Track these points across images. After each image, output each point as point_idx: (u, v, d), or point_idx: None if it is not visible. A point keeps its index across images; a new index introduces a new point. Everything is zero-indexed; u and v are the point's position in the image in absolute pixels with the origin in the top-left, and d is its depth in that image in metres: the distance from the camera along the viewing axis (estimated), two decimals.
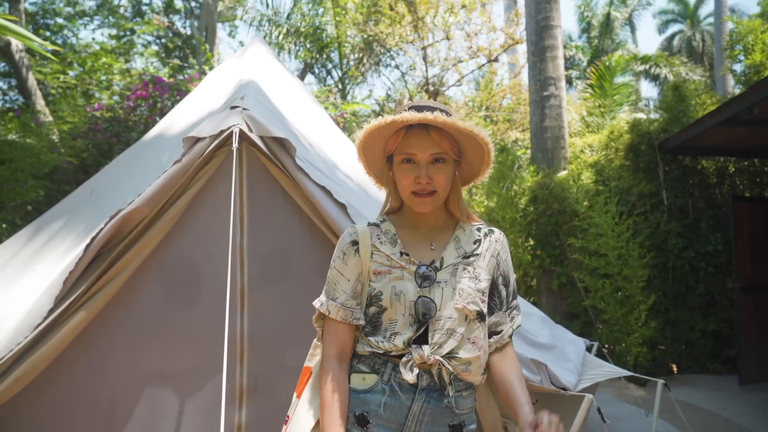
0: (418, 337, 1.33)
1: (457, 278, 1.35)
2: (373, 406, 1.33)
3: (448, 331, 1.32)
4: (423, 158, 1.32)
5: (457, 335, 1.33)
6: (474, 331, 1.35)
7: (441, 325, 1.32)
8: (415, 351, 1.31)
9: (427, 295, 1.33)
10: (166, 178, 2.03)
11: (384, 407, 1.33)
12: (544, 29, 6.94)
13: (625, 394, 4.86)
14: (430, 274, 1.35)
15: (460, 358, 1.33)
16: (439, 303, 1.33)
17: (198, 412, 2.12)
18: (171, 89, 7.60)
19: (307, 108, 3.92)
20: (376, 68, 12.31)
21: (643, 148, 5.94)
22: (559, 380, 2.38)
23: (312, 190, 2.15)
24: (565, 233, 6.11)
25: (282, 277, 2.23)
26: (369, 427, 1.33)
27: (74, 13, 14.13)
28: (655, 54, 18.50)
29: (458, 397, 1.35)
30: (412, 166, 1.33)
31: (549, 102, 6.89)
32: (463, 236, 1.42)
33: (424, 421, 1.33)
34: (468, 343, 1.34)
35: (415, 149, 1.32)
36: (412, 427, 1.33)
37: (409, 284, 1.34)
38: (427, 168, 1.31)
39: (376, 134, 1.35)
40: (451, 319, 1.32)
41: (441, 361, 1.31)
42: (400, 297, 1.34)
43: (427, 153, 1.31)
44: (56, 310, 1.95)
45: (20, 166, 5.91)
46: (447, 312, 1.32)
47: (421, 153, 1.32)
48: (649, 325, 5.36)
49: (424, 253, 1.39)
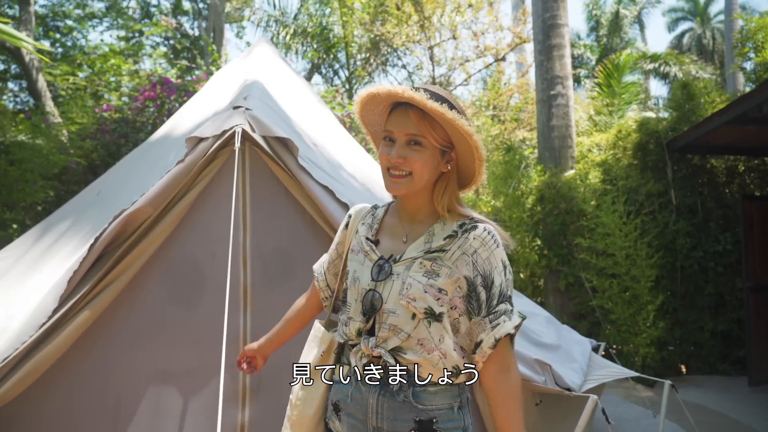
0: (371, 329, 1.33)
1: (410, 273, 1.29)
2: (343, 396, 1.37)
3: (392, 327, 1.29)
4: (399, 137, 1.29)
5: (402, 334, 1.29)
6: (423, 332, 1.28)
7: (385, 319, 1.30)
8: (364, 342, 1.33)
9: (375, 289, 1.32)
10: (169, 179, 2.04)
11: (351, 398, 1.35)
12: (551, 28, 6.90)
13: (633, 395, 4.83)
14: (384, 266, 1.33)
15: (406, 359, 1.28)
16: (386, 297, 1.30)
17: (201, 411, 2.13)
18: (178, 90, 7.64)
19: (312, 108, 3.93)
20: (383, 68, 12.30)
21: (651, 147, 5.89)
22: (564, 381, 2.37)
23: (314, 189, 2.15)
24: (572, 233, 6.07)
25: (285, 277, 2.24)
26: (341, 415, 1.37)
27: (84, 15, 14.26)
28: (665, 52, 18.36)
29: (421, 392, 1.28)
30: (390, 144, 1.31)
31: (556, 101, 6.85)
32: (439, 231, 1.33)
33: (385, 416, 1.30)
34: (416, 345, 1.28)
35: (393, 127, 1.30)
36: (374, 419, 1.31)
37: (366, 272, 1.36)
38: (402, 148, 1.28)
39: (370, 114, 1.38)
40: (394, 314, 1.29)
41: (383, 354, 1.29)
42: (356, 282, 1.37)
43: (402, 132, 1.28)
44: (61, 310, 1.97)
45: (29, 167, 5.98)
46: (391, 306, 1.30)
47: (398, 131, 1.29)
48: (657, 326, 5.31)
49: (395, 244, 1.37)
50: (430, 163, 1.29)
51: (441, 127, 1.28)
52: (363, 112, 1.38)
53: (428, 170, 1.29)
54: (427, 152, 1.28)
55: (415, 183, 1.29)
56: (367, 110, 1.37)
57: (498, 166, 7.10)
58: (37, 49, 5.81)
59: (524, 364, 2.26)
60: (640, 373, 3.55)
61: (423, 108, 1.24)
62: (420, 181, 1.30)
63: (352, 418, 1.34)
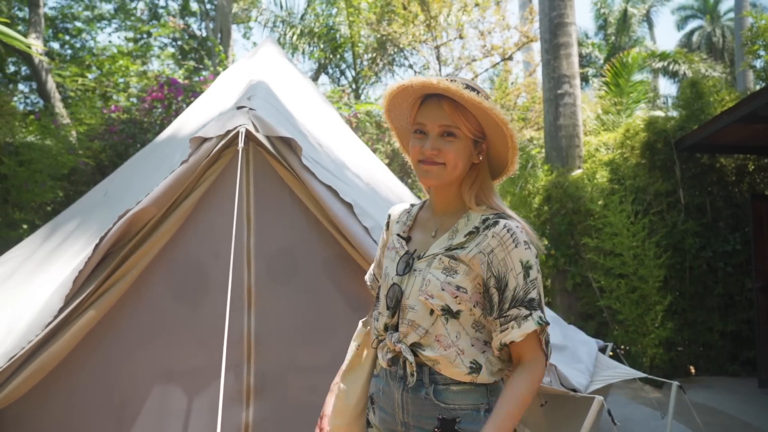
0: (396, 324, 1.34)
1: (431, 270, 1.28)
2: (376, 390, 1.40)
3: (411, 323, 1.29)
4: (432, 129, 1.27)
5: (420, 329, 1.28)
6: (440, 328, 1.26)
7: (406, 314, 1.30)
8: (389, 336, 1.33)
9: (399, 283, 1.33)
10: (173, 179, 2.05)
11: (382, 392, 1.38)
12: (558, 26, 6.87)
13: (641, 396, 4.79)
14: (409, 261, 1.34)
15: (424, 355, 1.28)
16: (408, 292, 1.30)
17: (206, 411, 2.13)
18: (185, 91, 7.68)
19: (318, 108, 3.93)
20: (389, 68, 12.29)
21: (659, 146, 5.84)
22: (570, 381, 2.35)
23: (318, 189, 2.15)
24: (579, 233, 6.04)
25: (289, 277, 2.24)
26: (375, 408, 1.40)
27: (92, 17, 14.37)
28: (674, 50, 18.22)
29: (444, 390, 1.27)
30: (422, 137, 1.29)
31: (563, 100, 6.82)
32: (463, 226, 1.30)
33: (410, 411, 1.30)
34: (434, 341, 1.27)
35: (425, 119, 1.28)
36: (401, 414, 1.32)
37: (393, 267, 1.37)
38: (436, 140, 1.27)
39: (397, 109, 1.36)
40: (413, 310, 1.29)
41: (403, 350, 1.29)
42: (386, 278, 1.38)
43: (436, 124, 1.27)
44: (66, 309, 1.98)
45: (39, 168, 6.03)
46: (411, 302, 1.29)
47: (430, 124, 1.28)
48: (665, 326, 5.27)
49: (424, 238, 1.37)
50: (464, 154, 1.28)
51: (474, 118, 1.26)
52: (390, 107, 1.36)
53: (462, 161, 1.28)
54: (460, 143, 1.27)
55: (448, 173, 1.28)
56: (395, 104, 1.35)
57: None
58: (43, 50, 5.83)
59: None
60: (647, 374, 3.52)
61: (459, 99, 1.22)
62: (453, 172, 1.28)
63: (382, 412, 1.37)
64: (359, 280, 2.25)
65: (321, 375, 2.28)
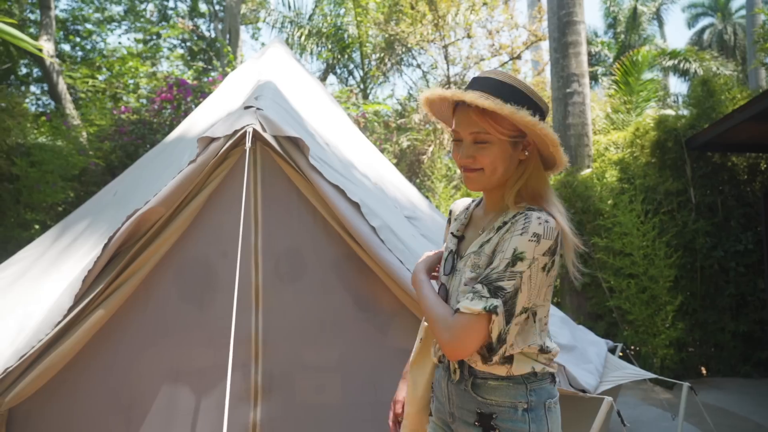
0: None
1: (465, 268, 1.31)
2: (435, 381, 1.48)
3: None
4: (465, 137, 1.28)
5: None
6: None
7: None
8: None
9: (445, 283, 1.38)
10: (181, 179, 2.05)
11: (437, 383, 1.45)
12: (566, 25, 6.83)
13: (651, 397, 4.75)
14: (453, 262, 1.39)
15: None
16: (452, 291, 1.35)
17: (214, 410, 2.14)
18: (194, 91, 7.72)
19: (325, 108, 3.93)
20: (397, 68, 12.29)
21: (669, 144, 5.79)
22: (578, 382, 2.33)
23: (325, 189, 2.15)
24: (588, 232, 5.99)
25: (297, 276, 2.24)
26: (433, 398, 1.48)
27: (103, 18, 14.49)
28: (685, 48, 18.05)
29: (482, 384, 1.29)
30: (458, 144, 1.30)
31: (572, 99, 6.78)
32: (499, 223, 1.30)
33: (455, 402, 1.36)
34: None
35: (458, 127, 1.29)
36: (448, 405, 1.39)
37: (442, 267, 1.43)
38: (469, 147, 1.26)
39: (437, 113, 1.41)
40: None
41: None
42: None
43: (467, 132, 1.27)
44: (75, 308, 1.99)
45: (50, 168, 6.08)
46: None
47: (463, 131, 1.28)
48: (676, 327, 5.22)
49: (474, 236, 1.38)
50: (501, 157, 1.26)
51: (506, 119, 1.23)
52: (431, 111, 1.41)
53: (501, 163, 1.26)
54: (494, 147, 1.25)
55: (488, 177, 1.27)
56: (434, 110, 1.39)
57: None
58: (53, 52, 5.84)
59: None
60: (658, 375, 3.49)
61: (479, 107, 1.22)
62: (494, 175, 1.27)
63: (437, 401, 1.45)
64: (366, 280, 2.25)
65: (328, 375, 2.29)
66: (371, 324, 2.28)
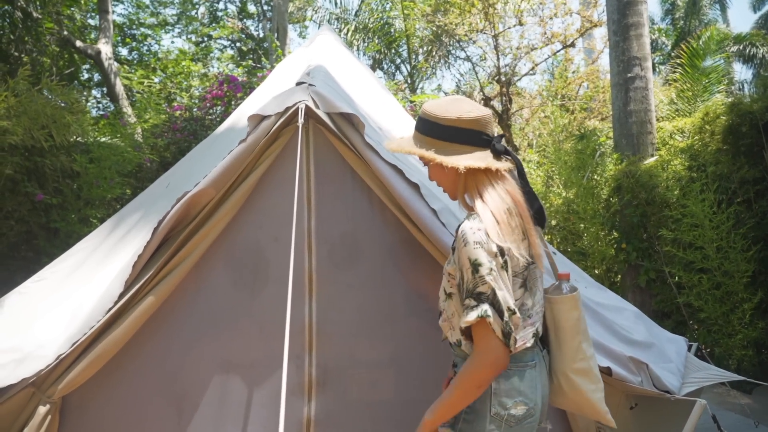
0: None
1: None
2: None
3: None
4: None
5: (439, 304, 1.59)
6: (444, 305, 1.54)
7: None
8: None
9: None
10: (231, 159, 1.96)
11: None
12: (627, 5, 6.44)
13: (728, 402, 4.38)
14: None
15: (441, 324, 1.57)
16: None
17: (266, 404, 2.04)
18: (244, 87, 7.76)
19: (377, 94, 3.79)
20: (445, 60, 12.05)
21: (744, 129, 5.33)
22: (662, 382, 2.10)
23: (382, 169, 2.00)
24: (653, 225, 5.62)
25: (352, 263, 2.11)
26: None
27: (157, 23, 14.95)
28: (750, 32, 16.97)
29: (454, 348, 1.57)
30: None
31: (634, 84, 6.39)
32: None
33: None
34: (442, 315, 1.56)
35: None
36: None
37: None
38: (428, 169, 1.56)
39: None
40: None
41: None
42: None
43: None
44: (126, 295, 1.93)
45: (107, 164, 6.23)
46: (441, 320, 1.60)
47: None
48: (755, 326, 4.80)
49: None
50: (439, 173, 1.52)
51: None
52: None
53: (444, 179, 1.52)
54: (434, 167, 1.51)
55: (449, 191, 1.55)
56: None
57: (569, 156, 6.71)
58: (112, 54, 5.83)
59: (618, 362, 2.01)
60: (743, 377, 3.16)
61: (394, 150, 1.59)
62: (447, 189, 1.55)
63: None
64: (426, 267, 2.09)
65: (382, 370, 2.14)
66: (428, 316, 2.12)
